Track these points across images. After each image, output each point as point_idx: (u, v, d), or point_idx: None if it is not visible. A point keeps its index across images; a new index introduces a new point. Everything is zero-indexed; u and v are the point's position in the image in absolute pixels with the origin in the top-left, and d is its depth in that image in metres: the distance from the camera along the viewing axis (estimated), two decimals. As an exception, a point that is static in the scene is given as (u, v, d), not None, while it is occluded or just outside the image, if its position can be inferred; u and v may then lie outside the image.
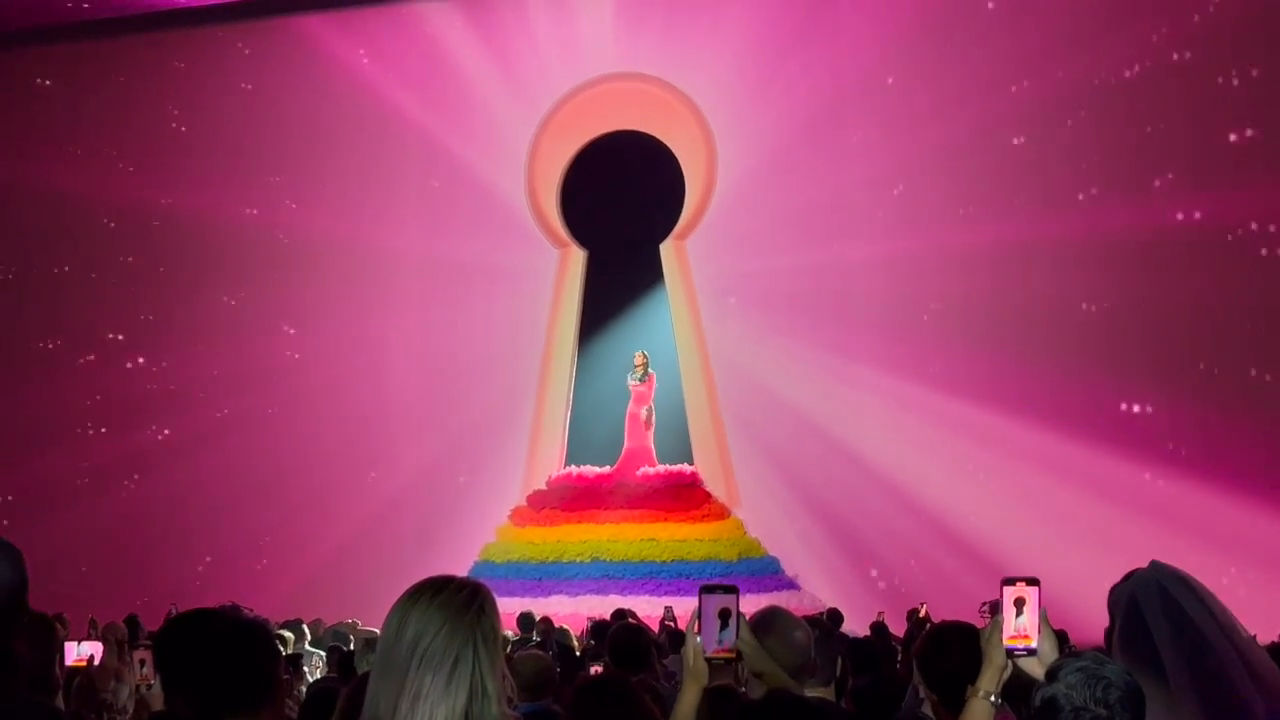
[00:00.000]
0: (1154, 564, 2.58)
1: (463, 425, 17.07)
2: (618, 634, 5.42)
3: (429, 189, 17.59)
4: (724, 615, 2.74)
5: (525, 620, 10.33)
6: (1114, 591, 2.57)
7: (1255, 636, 2.62)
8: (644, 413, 15.91)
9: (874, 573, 15.14)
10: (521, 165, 17.30)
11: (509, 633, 10.28)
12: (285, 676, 2.51)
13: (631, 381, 15.97)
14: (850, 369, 15.69)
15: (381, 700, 2.09)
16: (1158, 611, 2.47)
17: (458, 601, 2.10)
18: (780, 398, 15.93)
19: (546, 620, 10.37)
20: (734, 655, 2.78)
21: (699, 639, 2.77)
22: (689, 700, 2.87)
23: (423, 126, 17.58)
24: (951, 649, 3.17)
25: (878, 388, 15.53)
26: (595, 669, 5.90)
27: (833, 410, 15.64)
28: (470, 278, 17.34)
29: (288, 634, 8.91)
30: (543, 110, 17.23)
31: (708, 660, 2.78)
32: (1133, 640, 2.47)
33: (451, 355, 17.33)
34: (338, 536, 16.94)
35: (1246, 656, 2.43)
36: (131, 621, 9.97)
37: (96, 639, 7.08)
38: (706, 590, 2.76)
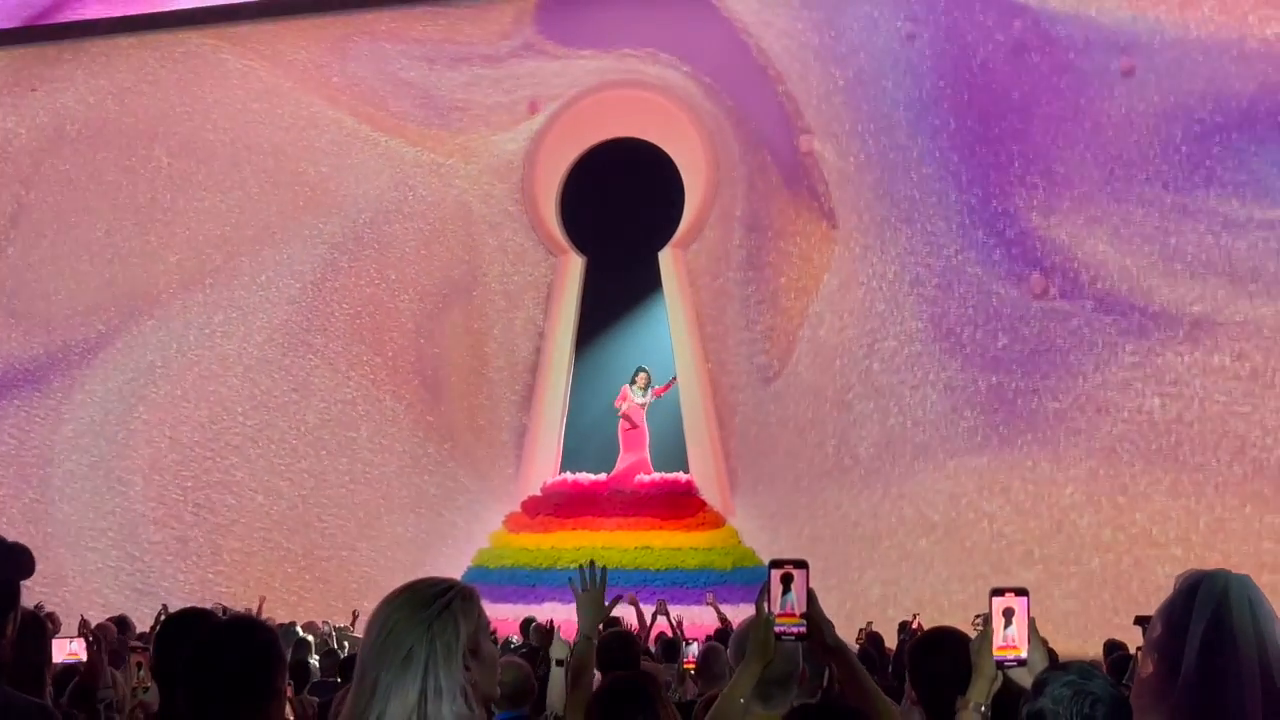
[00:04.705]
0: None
1: (458, 430, 17.04)
2: (606, 642, 5.32)
3: (426, 194, 17.56)
4: (786, 580, 2.66)
5: (526, 626, 10.24)
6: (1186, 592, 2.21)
7: None
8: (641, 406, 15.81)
9: (869, 584, 15.10)
10: (520, 171, 17.27)
11: (515, 638, 10.17)
12: (289, 681, 2.49)
13: (643, 399, 15.82)
14: (847, 377, 15.66)
15: (353, 700, 2.12)
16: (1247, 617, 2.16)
17: (419, 599, 2.11)
18: (777, 406, 15.90)
19: (540, 628, 10.15)
20: (804, 633, 2.67)
21: (769, 611, 2.66)
22: (747, 678, 2.71)
23: (420, 132, 17.56)
24: (942, 652, 3.19)
25: (875, 396, 15.50)
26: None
27: (829, 419, 15.61)
28: (468, 283, 17.31)
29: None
30: (542, 116, 17.22)
31: (778, 638, 2.66)
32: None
33: (448, 360, 17.30)
34: (332, 542, 16.92)
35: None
36: (120, 622, 9.88)
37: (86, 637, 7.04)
38: (775, 564, 2.67)
